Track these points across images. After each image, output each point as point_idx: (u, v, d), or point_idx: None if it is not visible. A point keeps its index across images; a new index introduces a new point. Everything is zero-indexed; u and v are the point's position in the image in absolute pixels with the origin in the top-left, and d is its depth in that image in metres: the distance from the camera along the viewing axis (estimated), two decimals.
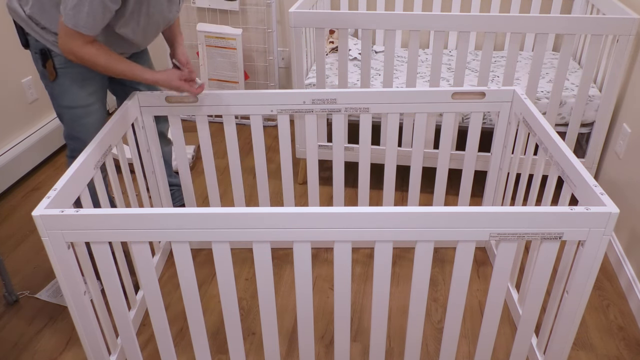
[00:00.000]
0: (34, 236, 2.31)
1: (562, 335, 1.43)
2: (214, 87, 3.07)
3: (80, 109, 1.73)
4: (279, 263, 2.12)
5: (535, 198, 1.67)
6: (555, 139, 1.49)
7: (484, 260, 2.13)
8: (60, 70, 1.67)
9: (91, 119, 1.75)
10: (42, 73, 1.70)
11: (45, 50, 1.65)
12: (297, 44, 2.18)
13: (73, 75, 1.68)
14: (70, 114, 1.74)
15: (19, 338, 1.82)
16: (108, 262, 1.35)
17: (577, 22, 1.98)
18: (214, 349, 1.76)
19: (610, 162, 2.24)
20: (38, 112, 2.83)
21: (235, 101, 1.85)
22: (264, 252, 1.32)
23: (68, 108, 1.73)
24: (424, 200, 2.47)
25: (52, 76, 1.68)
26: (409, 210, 1.23)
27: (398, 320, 1.85)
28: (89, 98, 1.73)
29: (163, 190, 2.03)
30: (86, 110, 1.74)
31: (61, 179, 1.36)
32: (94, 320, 1.43)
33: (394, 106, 1.86)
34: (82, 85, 1.71)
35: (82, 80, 1.70)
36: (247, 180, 2.68)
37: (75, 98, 1.71)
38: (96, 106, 1.76)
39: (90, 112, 1.75)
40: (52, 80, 1.68)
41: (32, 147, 2.70)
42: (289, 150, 1.96)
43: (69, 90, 1.70)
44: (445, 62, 2.72)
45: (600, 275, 2.04)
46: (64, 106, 1.73)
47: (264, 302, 1.41)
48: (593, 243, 1.26)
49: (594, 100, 2.20)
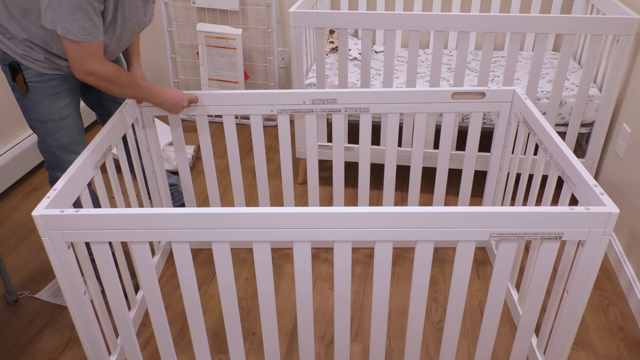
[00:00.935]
0: (34, 236, 2.31)
1: (562, 335, 1.43)
2: (214, 87, 3.07)
3: (52, 123, 1.66)
4: (279, 263, 2.12)
5: (535, 198, 1.67)
6: (555, 139, 1.49)
7: (484, 260, 2.13)
8: (31, 84, 1.60)
9: (64, 132, 1.68)
10: (12, 86, 1.63)
11: (15, 64, 1.57)
12: (297, 44, 2.18)
13: (45, 89, 1.61)
14: (43, 128, 1.67)
15: (19, 338, 1.82)
16: (108, 262, 1.35)
17: (577, 22, 1.98)
18: (214, 349, 1.76)
19: (610, 162, 2.24)
20: None
21: (235, 101, 1.85)
22: (264, 252, 1.32)
23: (40, 122, 1.66)
24: (424, 200, 2.47)
25: (22, 90, 1.60)
26: (409, 210, 1.23)
27: (398, 320, 1.85)
28: (62, 112, 1.66)
29: (163, 190, 2.03)
30: (59, 124, 1.66)
31: (61, 179, 1.36)
32: (94, 320, 1.43)
33: (394, 106, 1.86)
34: (54, 98, 1.63)
35: (54, 94, 1.63)
36: (247, 180, 2.68)
37: (48, 112, 1.64)
38: (69, 120, 1.69)
39: (63, 125, 1.68)
40: (23, 94, 1.61)
41: (32, 147, 2.70)
42: (289, 150, 1.96)
43: (41, 105, 1.63)
44: (445, 62, 2.72)
45: (600, 275, 2.04)
46: (36, 120, 1.66)
47: (264, 302, 1.41)
48: (593, 243, 1.26)
49: (594, 100, 2.20)
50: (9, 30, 1.53)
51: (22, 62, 1.57)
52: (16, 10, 1.49)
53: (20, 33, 1.52)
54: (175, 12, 3.13)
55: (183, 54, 3.25)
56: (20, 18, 1.50)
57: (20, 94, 1.62)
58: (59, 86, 1.63)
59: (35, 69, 1.58)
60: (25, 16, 1.49)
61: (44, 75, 1.60)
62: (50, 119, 1.65)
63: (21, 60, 1.57)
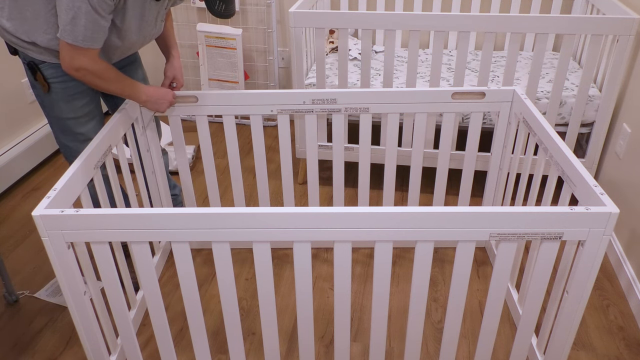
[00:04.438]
0: (34, 236, 2.31)
1: (562, 335, 1.43)
2: (214, 87, 3.08)
3: (71, 121, 1.68)
4: (279, 263, 2.12)
5: (535, 198, 1.67)
6: (555, 139, 1.49)
7: (484, 260, 2.13)
8: (52, 81, 1.61)
9: (83, 129, 1.70)
10: (33, 84, 1.65)
11: (33, 63, 1.59)
12: (297, 44, 2.18)
13: (63, 89, 1.63)
14: (61, 125, 1.69)
15: (19, 338, 1.82)
16: (108, 262, 1.35)
17: (577, 22, 1.98)
18: (214, 349, 1.76)
19: (610, 162, 2.24)
20: (38, 112, 2.83)
21: (235, 101, 1.85)
22: (264, 252, 1.32)
23: (58, 119, 1.68)
24: (424, 200, 2.47)
25: (44, 88, 1.62)
26: (409, 210, 1.23)
27: (398, 320, 1.85)
28: (81, 110, 1.68)
29: (163, 190, 2.03)
30: (77, 121, 1.68)
31: (61, 179, 1.36)
32: (94, 320, 1.43)
33: (394, 106, 1.86)
34: (72, 98, 1.65)
35: (72, 94, 1.64)
36: (247, 180, 2.68)
37: (68, 109, 1.66)
38: (87, 118, 1.70)
39: (81, 123, 1.69)
40: (45, 92, 1.63)
41: (32, 147, 2.70)
42: (289, 150, 1.96)
43: (59, 103, 1.65)
44: (445, 62, 2.72)
45: (600, 275, 2.04)
46: (54, 116, 1.68)
47: (264, 302, 1.41)
48: (593, 243, 1.26)
49: (594, 100, 2.20)
50: (23, 38, 1.54)
51: (41, 59, 1.58)
52: (31, 16, 1.50)
53: (36, 36, 1.53)
54: (175, 12, 3.13)
55: (183, 54, 3.25)
56: (36, 24, 1.51)
57: (43, 92, 1.64)
58: (78, 86, 1.65)
59: (50, 62, 1.58)
60: (41, 20, 1.49)
61: (64, 76, 1.60)
62: (69, 117, 1.67)
63: (39, 58, 1.57)
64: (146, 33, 1.65)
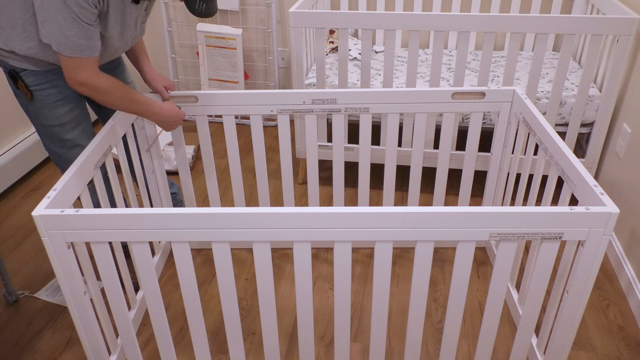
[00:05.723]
0: (34, 236, 2.31)
1: (562, 335, 1.43)
2: (214, 87, 3.08)
3: (57, 128, 1.65)
4: (279, 263, 2.12)
5: (535, 198, 1.67)
6: (555, 139, 1.49)
7: (484, 260, 2.13)
8: (34, 89, 1.58)
9: (70, 135, 1.68)
10: (16, 93, 1.62)
11: (14, 71, 1.56)
12: (297, 44, 2.18)
13: (46, 96, 1.60)
14: (47, 132, 1.66)
15: (19, 338, 1.82)
16: (108, 262, 1.35)
17: (577, 22, 1.98)
18: (214, 349, 1.76)
19: (610, 162, 2.24)
20: None
21: (235, 101, 1.85)
22: (264, 252, 1.32)
23: (43, 126, 1.65)
24: (424, 200, 2.47)
25: (27, 96, 1.59)
26: (409, 210, 1.23)
27: (398, 320, 1.85)
28: (66, 116, 1.65)
29: (163, 190, 2.03)
30: (63, 128, 1.66)
31: (61, 179, 1.36)
32: (94, 320, 1.43)
33: (394, 106, 1.86)
34: (55, 105, 1.62)
35: (55, 101, 1.62)
36: (247, 180, 2.68)
37: (52, 117, 1.63)
38: (73, 124, 1.68)
39: (67, 129, 1.67)
40: (29, 100, 1.60)
41: (32, 147, 2.70)
42: (289, 150, 1.96)
43: (43, 111, 1.62)
44: (445, 62, 2.72)
45: (600, 275, 2.04)
46: (40, 124, 1.65)
47: (264, 302, 1.41)
48: (593, 243, 1.26)
49: (594, 100, 2.20)
50: (3, 46, 1.52)
51: (21, 66, 1.55)
52: (7, 24, 1.47)
53: (13, 44, 1.50)
54: (175, 12, 3.13)
55: (183, 54, 3.25)
56: (11, 33, 1.48)
57: (27, 101, 1.61)
58: (61, 92, 1.62)
59: (30, 69, 1.56)
60: (17, 29, 1.47)
61: (46, 83, 1.58)
62: (54, 124, 1.65)
63: (19, 65, 1.55)
64: (128, 37, 1.63)
